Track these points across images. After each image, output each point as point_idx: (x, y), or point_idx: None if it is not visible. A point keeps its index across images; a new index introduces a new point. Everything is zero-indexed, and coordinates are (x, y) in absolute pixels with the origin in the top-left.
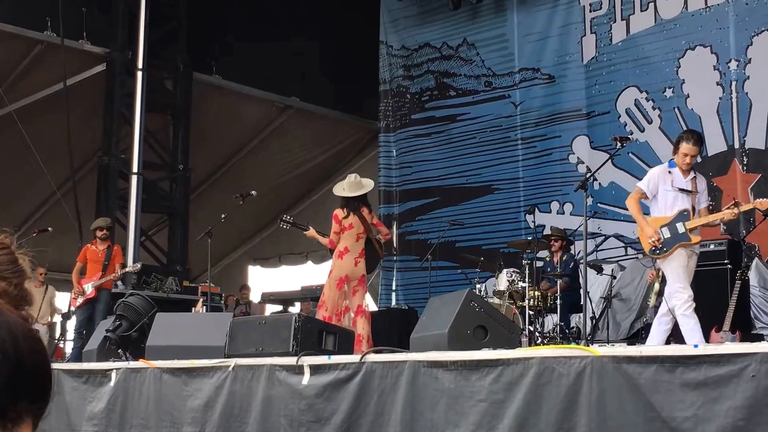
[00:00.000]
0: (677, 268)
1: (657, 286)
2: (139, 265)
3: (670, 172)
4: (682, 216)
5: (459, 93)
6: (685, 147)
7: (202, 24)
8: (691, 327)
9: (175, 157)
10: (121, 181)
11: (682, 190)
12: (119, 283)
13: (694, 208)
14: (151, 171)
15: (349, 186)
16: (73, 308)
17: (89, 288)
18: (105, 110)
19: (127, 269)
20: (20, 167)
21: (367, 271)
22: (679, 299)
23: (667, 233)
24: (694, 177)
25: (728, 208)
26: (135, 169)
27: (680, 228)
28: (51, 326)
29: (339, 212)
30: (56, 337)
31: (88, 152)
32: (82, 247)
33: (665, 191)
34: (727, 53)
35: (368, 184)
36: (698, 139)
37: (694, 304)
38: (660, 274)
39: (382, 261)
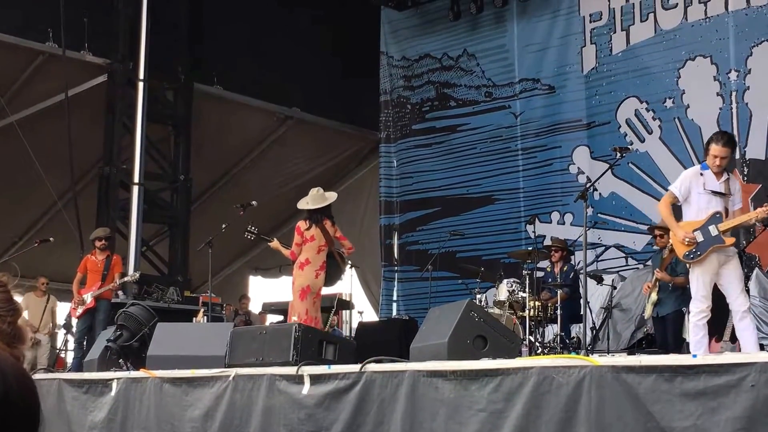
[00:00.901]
0: (702, 275)
1: (654, 296)
2: (137, 275)
3: (702, 174)
4: (715, 219)
5: (459, 103)
6: (715, 148)
7: (202, 35)
8: (698, 339)
9: (176, 167)
10: (122, 191)
11: (714, 192)
12: (120, 293)
13: (727, 211)
14: (152, 181)
15: (312, 199)
16: (73, 318)
17: (88, 298)
18: (106, 121)
19: (125, 279)
20: (22, 177)
21: (328, 284)
22: (696, 308)
23: (700, 237)
24: (728, 179)
25: (761, 206)
26: (136, 179)
27: (713, 231)
28: (52, 336)
29: (301, 224)
30: (57, 347)
31: (90, 162)
32: (82, 258)
33: (698, 194)
34: (727, 64)
35: (331, 197)
36: (729, 139)
37: (709, 316)
38: (656, 284)
39: (384, 271)
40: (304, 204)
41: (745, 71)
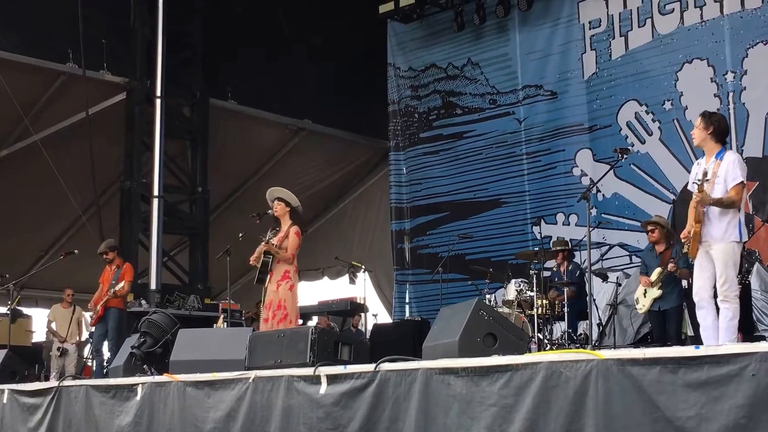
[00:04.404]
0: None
1: (657, 291)
2: (125, 288)
3: (699, 163)
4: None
5: (465, 111)
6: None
7: (216, 52)
8: (706, 324)
9: (194, 180)
10: (143, 204)
11: (695, 182)
12: (143, 302)
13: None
14: (171, 194)
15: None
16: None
17: (98, 307)
18: (126, 137)
19: (112, 290)
20: (47, 193)
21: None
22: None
23: None
24: (720, 159)
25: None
26: (156, 192)
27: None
28: (80, 345)
29: (300, 231)
30: (84, 356)
31: (111, 177)
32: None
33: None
34: (723, 65)
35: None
36: (703, 113)
37: (698, 299)
38: (659, 279)
39: (396, 275)
40: (297, 202)
41: (741, 72)
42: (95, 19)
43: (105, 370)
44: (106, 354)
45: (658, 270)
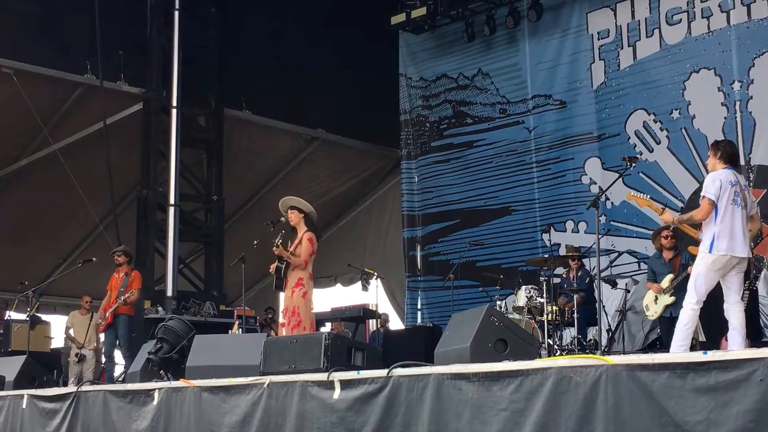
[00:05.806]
0: None
1: (669, 298)
2: (134, 296)
3: None
4: None
5: (475, 120)
6: None
7: (231, 63)
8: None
9: (209, 188)
10: (159, 212)
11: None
12: (160, 308)
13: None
14: (187, 202)
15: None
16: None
17: (107, 315)
18: (143, 146)
19: (122, 298)
20: (65, 202)
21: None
22: None
23: None
24: None
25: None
26: (172, 200)
27: None
28: (97, 351)
29: (314, 237)
30: (102, 362)
31: (128, 186)
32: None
33: None
34: (730, 75)
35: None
36: (712, 143)
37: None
38: (672, 286)
39: (408, 281)
40: (310, 209)
41: (748, 81)
42: (112, 31)
43: (121, 377)
44: (119, 361)
45: (669, 277)
